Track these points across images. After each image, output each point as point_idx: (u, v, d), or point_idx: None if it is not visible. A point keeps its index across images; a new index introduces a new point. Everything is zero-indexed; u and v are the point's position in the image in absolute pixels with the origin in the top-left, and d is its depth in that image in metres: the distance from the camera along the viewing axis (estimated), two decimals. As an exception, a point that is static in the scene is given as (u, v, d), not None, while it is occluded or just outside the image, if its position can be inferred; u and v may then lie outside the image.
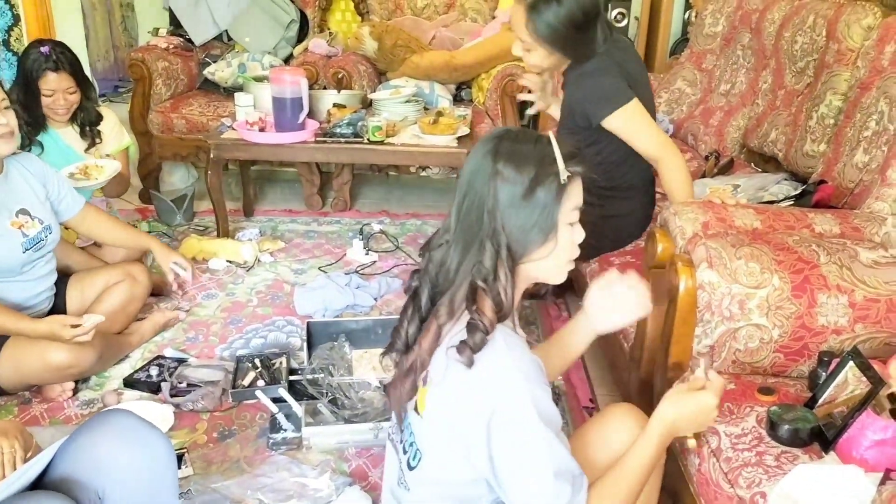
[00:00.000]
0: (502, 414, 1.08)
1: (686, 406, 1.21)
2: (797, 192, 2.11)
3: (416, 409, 1.21)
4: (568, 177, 1.14)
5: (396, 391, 1.24)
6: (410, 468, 1.22)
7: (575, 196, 1.17)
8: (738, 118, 2.84)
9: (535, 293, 1.34)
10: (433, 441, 1.18)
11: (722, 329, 1.49)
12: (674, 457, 1.45)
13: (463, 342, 1.10)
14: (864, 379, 1.26)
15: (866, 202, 1.78)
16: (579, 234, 1.20)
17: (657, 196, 2.30)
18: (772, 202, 2.09)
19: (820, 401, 1.33)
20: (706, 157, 2.84)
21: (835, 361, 1.36)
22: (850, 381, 1.31)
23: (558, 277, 1.23)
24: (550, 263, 1.19)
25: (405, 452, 1.25)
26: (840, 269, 1.48)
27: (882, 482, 1.12)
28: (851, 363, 1.30)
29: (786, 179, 2.32)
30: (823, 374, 1.39)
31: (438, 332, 1.18)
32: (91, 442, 1.30)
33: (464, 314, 1.15)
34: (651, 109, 2.10)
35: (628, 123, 2.00)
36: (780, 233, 1.62)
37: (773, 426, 1.30)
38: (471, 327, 1.11)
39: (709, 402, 1.20)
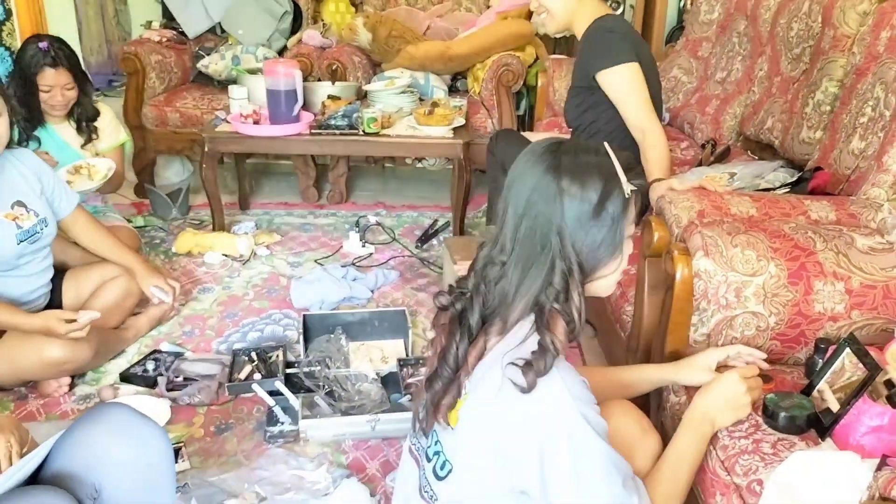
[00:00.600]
0: (558, 436, 1.04)
1: (710, 391, 1.26)
2: (793, 179, 2.10)
3: (445, 419, 1.18)
4: (632, 190, 1.12)
5: (433, 401, 1.18)
6: (438, 478, 1.19)
7: (634, 208, 1.15)
8: (734, 106, 2.83)
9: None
10: (469, 455, 1.14)
11: (718, 317, 1.48)
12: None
13: (528, 363, 1.05)
14: (861, 365, 1.26)
15: (862, 189, 1.77)
16: (631, 246, 1.20)
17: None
18: (768, 190, 2.08)
19: (816, 388, 1.33)
20: (702, 146, 2.83)
21: (831, 348, 1.35)
22: (846, 368, 1.31)
23: (609, 291, 1.22)
24: (610, 279, 1.18)
25: (429, 460, 1.21)
26: (836, 256, 1.47)
27: (878, 468, 1.12)
28: (848, 350, 1.30)
29: (782, 167, 2.31)
30: (820, 361, 1.38)
31: (484, 346, 1.15)
32: (87, 436, 1.29)
33: (512, 330, 1.13)
34: (658, 104, 2.12)
35: (623, 85, 2.02)
36: (776, 220, 1.61)
37: (769, 414, 1.29)
38: (542, 350, 1.06)
39: (730, 380, 1.23)
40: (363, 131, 2.95)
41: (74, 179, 2.61)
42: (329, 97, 3.14)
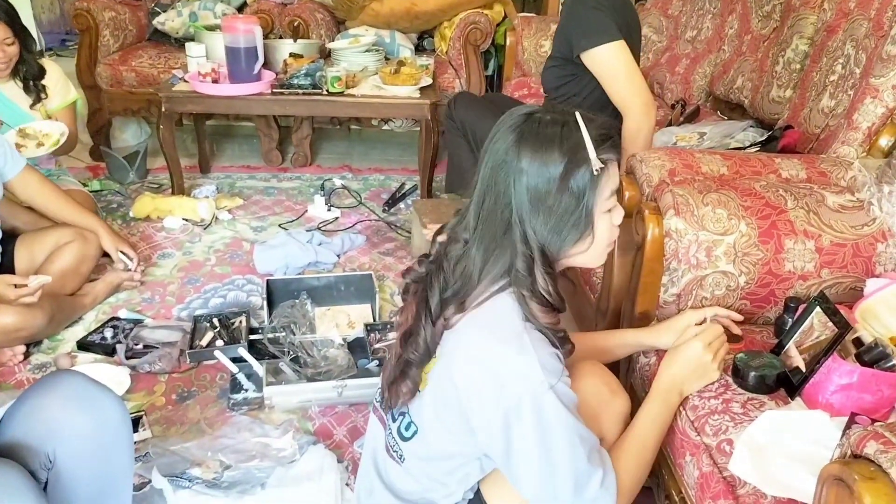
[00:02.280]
0: (526, 407, 1.01)
1: (675, 360, 1.24)
2: (763, 138, 2.09)
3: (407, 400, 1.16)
4: (600, 167, 1.04)
5: (400, 372, 1.15)
6: (404, 439, 1.18)
7: (611, 181, 1.07)
8: (704, 65, 2.80)
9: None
10: (434, 418, 1.12)
11: (689, 277, 1.46)
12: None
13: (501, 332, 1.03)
14: (830, 324, 1.25)
15: (832, 147, 1.76)
16: (618, 215, 1.12)
17: None
18: (739, 150, 2.06)
19: (786, 347, 1.32)
20: (672, 106, 2.81)
21: (801, 307, 1.34)
22: (815, 327, 1.30)
23: (597, 263, 1.16)
24: (589, 255, 1.11)
25: (394, 420, 1.20)
26: (807, 214, 1.46)
27: (847, 426, 1.11)
28: (818, 308, 1.29)
29: (752, 126, 2.30)
30: (790, 320, 1.37)
31: (445, 324, 1.10)
32: (40, 405, 1.24)
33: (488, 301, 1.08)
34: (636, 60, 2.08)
35: (608, 63, 1.98)
36: (746, 178, 1.59)
37: (739, 373, 1.28)
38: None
39: (694, 348, 1.21)
40: (327, 91, 2.87)
41: (25, 144, 2.50)
42: (291, 55, 3.04)
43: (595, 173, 1.03)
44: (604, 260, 1.16)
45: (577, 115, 1.06)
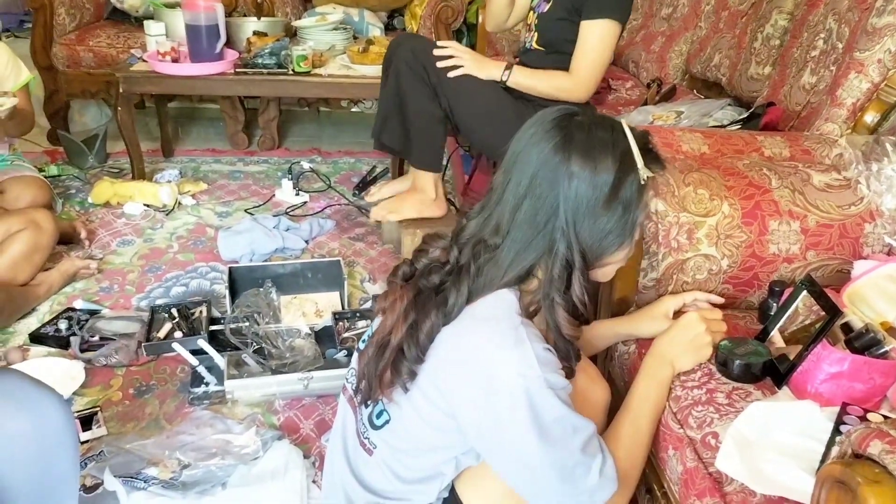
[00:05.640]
0: (520, 403, 0.95)
1: (669, 333, 1.20)
2: (742, 116, 2.02)
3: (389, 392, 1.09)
4: (649, 176, 1.01)
5: (378, 371, 1.09)
6: (374, 427, 1.12)
7: (651, 192, 1.07)
8: (680, 43, 2.73)
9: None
10: (412, 410, 1.06)
11: (669, 261, 1.39)
12: (618, 399, 1.36)
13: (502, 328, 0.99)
14: (817, 309, 1.19)
15: (815, 124, 1.70)
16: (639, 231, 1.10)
17: None
18: (718, 128, 2.00)
19: (771, 333, 1.26)
20: (647, 85, 2.74)
21: (787, 291, 1.28)
22: (800, 312, 1.24)
23: (608, 278, 1.13)
24: (615, 266, 1.09)
25: (366, 406, 1.14)
26: (792, 194, 1.39)
27: (839, 417, 1.05)
28: (805, 292, 1.23)
29: (730, 105, 2.23)
30: (774, 304, 1.31)
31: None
32: (-27, 408, 1.14)
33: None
34: None
35: (600, 38, 1.98)
36: (729, 157, 1.53)
37: (723, 361, 1.21)
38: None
39: (690, 319, 1.17)
40: (292, 70, 2.76)
41: None
42: (255, 34, 2.92)
43: (643, 182, 1.01)
44: (611, 276, 1.13)
45: (623, 122, 1.03)
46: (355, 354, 1.22)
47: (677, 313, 1.30)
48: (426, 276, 1.09)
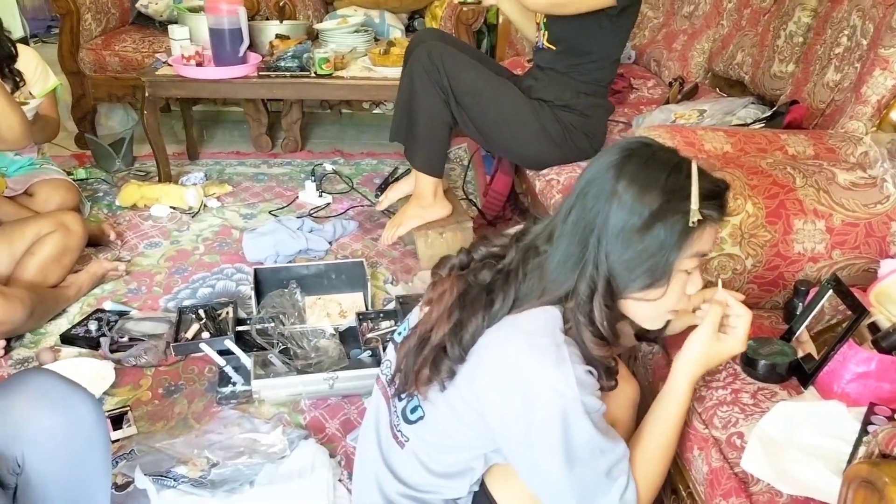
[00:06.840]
0: (554, 420, 0.96)
1: (688, 351, 1.12)
2: (766, 115, 2.01)
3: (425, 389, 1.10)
4: (699, 220, 0.96)
5: (431, 361, 1.08)
6: (408, 421, 1.13)
7: (703, 243, 1.00)
8: (702, 41, 2.72)
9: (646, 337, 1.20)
10: (447, 409, 1.08)
11: (693, 261, 1.39)
12: (644, 397, 1.37)
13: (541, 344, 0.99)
14: (843, 308, 1.19)
15: (840, 122, 1.69)
16: (694, 285, 1.05)
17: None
18: (742, 126, 1.99)
19: (797, 333, 1.26)
20: (670, 84, 2.73)
21: (812, 291, 1.27)
22: (825, 311, 1.24)
23: (651, 325, 1.10)
24: (649, 309, 1.05)
25: (400, 400, 1.15)
26: (817, 193, 1.39)
27: (866, 417, 1.05)
28: (831, 292, 1.22)
29: (753, 103, 2.22)
30: (800, 304, 1.31)
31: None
32: (6, 406, 1.16)
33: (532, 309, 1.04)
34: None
35: None
36: (752, 156, 1.52)
37: (748, 362, 1.22)
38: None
39: (703, 335, 1.10)
40: (315, 73, 2.79)
41: None
42: (277, 37, 2.95)
43: (692, 225, 0.96)
44: (659, 325, 1.10)
45: (695, 164, 0.99)
46: (390, 346, 1.23)
47: None
48: (478, 271, 1.09)
